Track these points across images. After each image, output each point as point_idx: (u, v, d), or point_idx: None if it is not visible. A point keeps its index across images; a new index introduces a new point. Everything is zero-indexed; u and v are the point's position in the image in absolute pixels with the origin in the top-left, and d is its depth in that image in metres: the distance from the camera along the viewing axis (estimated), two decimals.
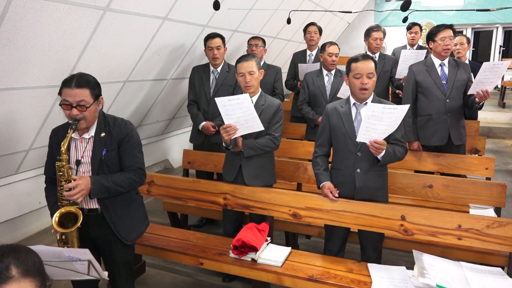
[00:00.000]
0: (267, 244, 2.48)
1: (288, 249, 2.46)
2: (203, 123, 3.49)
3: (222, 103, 2.41)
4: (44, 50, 2.66)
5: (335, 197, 2.37)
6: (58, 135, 1.94)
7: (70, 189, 1.77)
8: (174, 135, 5.49)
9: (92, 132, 1.92)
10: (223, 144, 2.60)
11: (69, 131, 1.80)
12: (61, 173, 1.80)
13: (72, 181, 1.79)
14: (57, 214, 1.81)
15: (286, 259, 2.35)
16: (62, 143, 1.79)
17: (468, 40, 4.13)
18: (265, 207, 2.58)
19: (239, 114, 2.42)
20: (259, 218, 2.67)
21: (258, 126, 2.47)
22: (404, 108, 2.12)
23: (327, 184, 2.40)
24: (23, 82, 2.71)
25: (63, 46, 2.76)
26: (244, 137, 2.57)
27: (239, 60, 2.60)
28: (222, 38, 3.43)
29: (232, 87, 3.48)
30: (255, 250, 2.33)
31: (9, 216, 3.25)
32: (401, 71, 3.94)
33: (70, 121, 1.81)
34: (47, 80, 2.85)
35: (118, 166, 1.97)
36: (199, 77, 3.53)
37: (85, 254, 1.53)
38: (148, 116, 4.50)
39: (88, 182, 1.81)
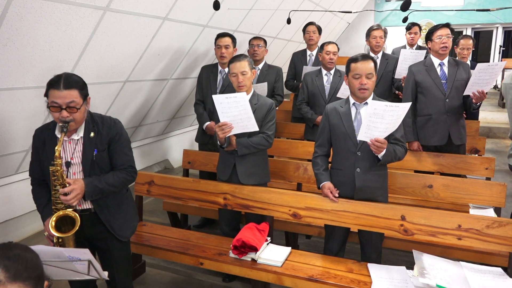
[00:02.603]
0: (267, 244, 2.48)
1: (288, 249, 2.46)
2: (207, 123, 3.49)
3: (219, 100, 2.43)
4: (44, 50, 2.66)
5: (335, 197, 2.37)
6: (43, 136, 1.89)
7: (65, 194, 1.75)
8: (174, 135, 5.49)
9: (81, 132, 1.89)
10: (218, 142, 2.61)
11: (60, 134, 1.77)
12: (55, 177, 1.77)
13: (67, 185, 1.76)
14: (53, 218, 1.77)
15: (286, 259, 2.35)
16: (56, 148, 1.75)
17: (473, 42, 4.12)
18: (265, 207, 2.58)
19: (235, 112, 2.44)
20: (256, 217, 2.67)
21: (253, 126, 2.49)
22: (406, 106, 2.12)
23: (327, 184, 2.40)
24: (23, 82, 2.71)
25: (63, 46, 2.76)
26: (238, 136, 2.59)
27: (231, 61, 2.62)
28: (233, 38, 3.42)
29: None
30: (255, 250, 2.33)
31: (9, 216, 3.25)
32: (401, 71, 3.93)
33: (60, 124, 1.77)
34: (47, 80, 2.82)
35: (109, 165, 1.95)
36: (207, 77, 3.53)
37: (85, 254, 1.53)
38: (148, 116, 4.50)
39: (82, 185, 1.79)
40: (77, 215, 1.79)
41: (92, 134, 1.89)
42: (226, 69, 3.47)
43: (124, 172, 1.96)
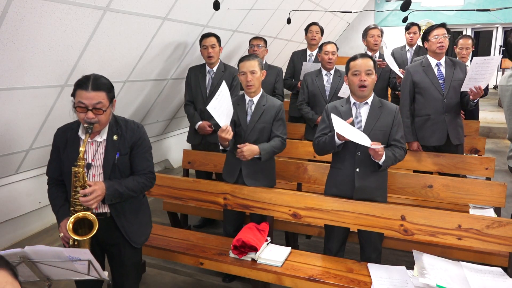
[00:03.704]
0: (267, 244, 2.48)
1: (288, 249, 2.46)
2: (199, 122, 3.51)
3: (213, 106, 2.37)
4: (44, 50, 2.66)
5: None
6: (66, 136, 1.88)
7: (85, 195, 1.73)
8: (174, 135, 5.49)
9: (104, 135, 1.88)
10: (220, 146, 2.59)
11: (84, 135, 1.76)
12: (76, 178, 1.76)
13: (88, 186, 1.75)
14: (71, 220, 1.75)
15: (286, 259, 2.35)
16: (80, 148, 1.75)
17: (473, 42, 4.13)
18: (265, 207, 2.58)
19: (224, 105, 2.42)
20: (259, 218, 2.67)
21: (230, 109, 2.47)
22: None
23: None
24: (23, 82, 2.71)
25: (63, 46, 2.76)
26: (252, 141, 2.57)
27: (241, 60, 2.60)
28: (217, 37, 3.45)
29: (228, 87, 3.50)
30: (255, 250, 2.33)
31: (9, 216, 3.25)
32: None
33: (85, 125, 1.76)
34: (47, 80, 2.85)
35: (129, 169, 1.94)
36: (195, 77, 3.55)
37: (85, 254, 1.53)
38: (148, 116, 4.51)
39: (103, 187, 1.77)
40: (95, 218, 1.77)
41: (115, 137, 1.88)
42: (215, 69, 3.49)
43: (144, 177, 1.94)
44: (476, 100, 3.07)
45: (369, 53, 4.18)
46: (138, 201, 2.03)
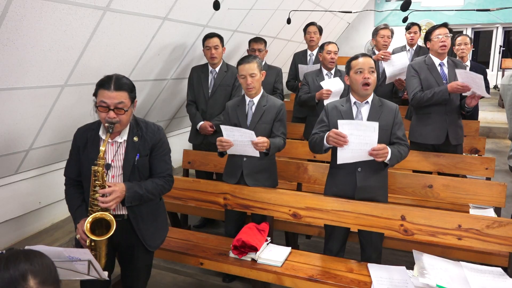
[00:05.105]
0: (267, 244, 2.49)
1: (288, 249, 2.46)
2: (201, 122, 3.51)
3: (228, 128, 2.45)
4: (44, 50, 2.66)
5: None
6: (86, 136, 1.87)
7: (104, 195, 1.72)
8: (174, 135, 5.49)
9: (124, 136, 1.87)
10: (218, 150, 2.62)
11: (105, 135, 1.76)
12: (96, 177, 1.75)
13: (107, 187, 1.74)
14: (89, 220, 1.73)
15: (286, 259, 2.35)
16: (100, 147, 1.74)
17: (471, 40, 4.13)
18: (265, 207, 2.58)
19: (239, 138, 2.45)
20: (261, 218, 2.67)
21: (254, 152, 2.50)
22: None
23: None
24: (23, 82, 2.71)
25: (63, 46, 2.76)
26: (261, 132, 2.58)
27: (240, 62, 2.59)
28: (220, 38, 3.44)
29: (230, 87, 3.51)
30: (255, 250, 2.33)
31: (9, 216, 3.25)
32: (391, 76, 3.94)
33: (106, 124, 1.75)
34: (47, 80, 2.85)
35: (148, 171, 1.94)
36: (197, 77, 3.55)
37: (85, 254, 1.53)
38: (148, 116, 4.50)
39: (123, 189, 1.77)
40: (113, 218, 1.75)
41: (136, 139, 1.88)
42: (217, 69, 3.49)
43: (163, 180, 1.94)
44: (471, 108, 3.08)
45: (377, 53, 4.15)
46: (156, 204, 2.02)
